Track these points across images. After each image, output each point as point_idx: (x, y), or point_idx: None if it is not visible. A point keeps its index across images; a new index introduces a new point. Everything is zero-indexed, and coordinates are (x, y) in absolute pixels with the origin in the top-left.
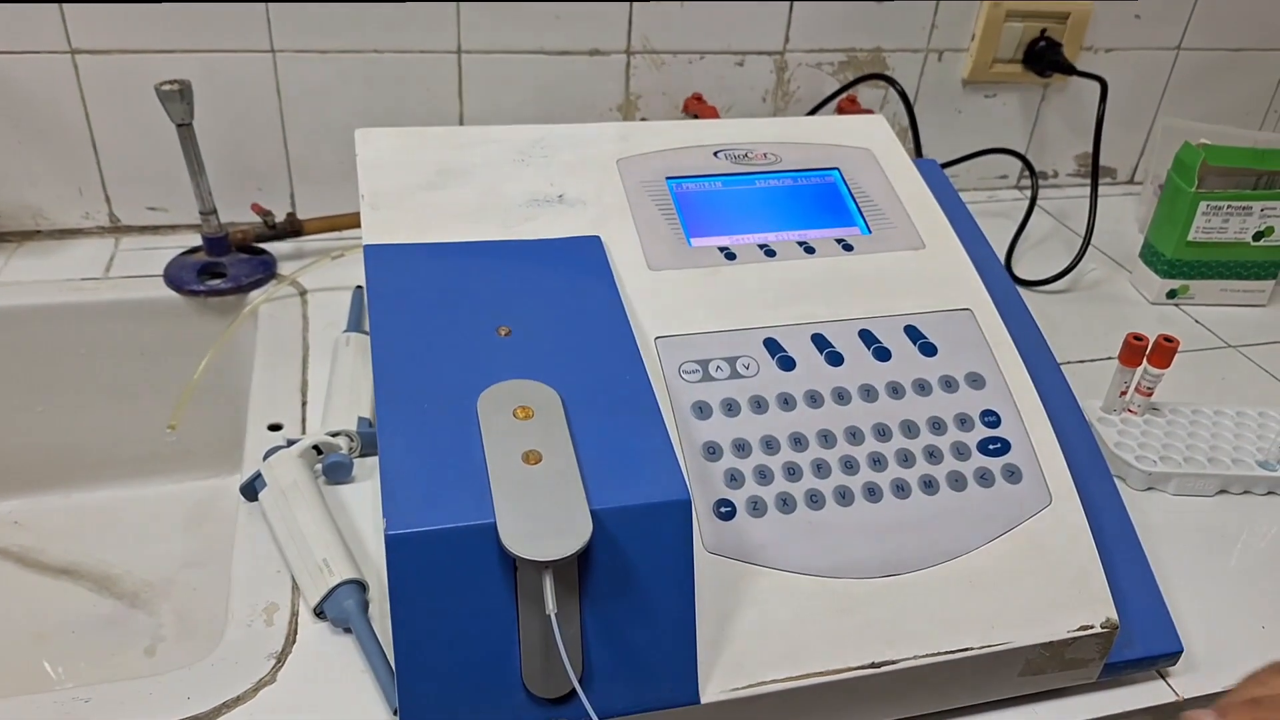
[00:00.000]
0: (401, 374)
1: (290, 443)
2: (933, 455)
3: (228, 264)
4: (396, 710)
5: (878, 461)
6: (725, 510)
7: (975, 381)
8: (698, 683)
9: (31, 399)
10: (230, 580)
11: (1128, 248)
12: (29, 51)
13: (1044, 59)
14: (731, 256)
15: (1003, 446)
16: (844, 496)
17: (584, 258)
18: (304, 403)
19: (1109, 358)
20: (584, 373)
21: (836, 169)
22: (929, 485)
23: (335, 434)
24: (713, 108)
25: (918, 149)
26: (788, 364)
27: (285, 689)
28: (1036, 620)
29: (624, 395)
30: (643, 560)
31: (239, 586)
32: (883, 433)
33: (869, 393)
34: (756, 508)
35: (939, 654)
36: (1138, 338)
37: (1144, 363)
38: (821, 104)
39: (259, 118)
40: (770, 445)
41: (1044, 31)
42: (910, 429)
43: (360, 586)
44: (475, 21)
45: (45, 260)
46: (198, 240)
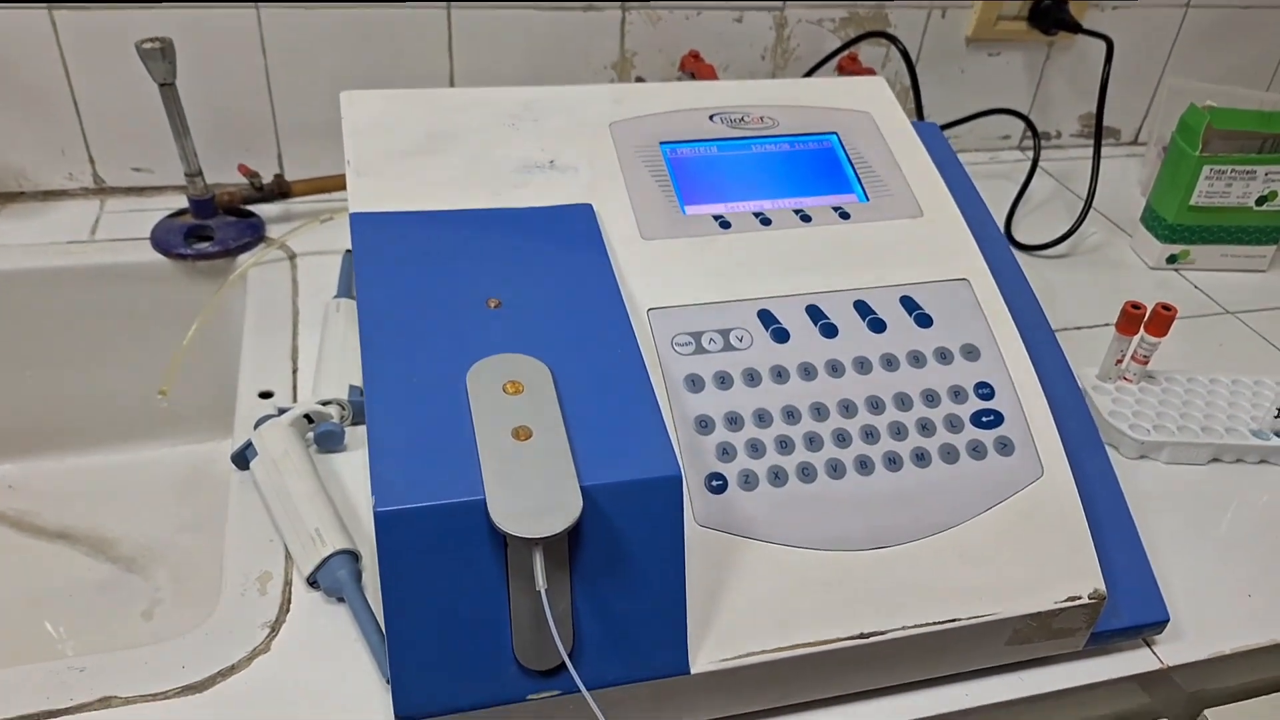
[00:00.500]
0: (389, 348)
1: (281, 411)
2: (925, 428)
3: (215, 227)
4: (390, 679)
5: (870, 434)
6: (717, 484)
7: (970, 353)
8: (688, 654)
9: (21, 363)
10: (224, 548)
11: (1129, 211)
12: (3, 4)
13: (1049, 16)
14: (726, 225)
15: (996, 419)
16: (835, 469)
17: (575, 227)
18: (294, 370)
19: (1107, 324)
20: (575, 346)
21: (835, 133)
22: (921, 458)
23: (326, 402)
24: (710, 66)
25: (919, 109)
26: (781, 336)
27: (279, 658)
28: (1024, 591)
29: (615, 369)
30: (633, 535)
31: (232, 555)
32: (876, 405)
33: (863, 365)
34: (748, 481)
35: (926, 625)
36: (1135, 306)
37: (1141, 331)
38: (821, 62)
39: (244, 76)
40: (763, 418)
41: None
42: (903, 401)
43: (353, 556)
44: None
45: (30, 222)
46: (184, 201)
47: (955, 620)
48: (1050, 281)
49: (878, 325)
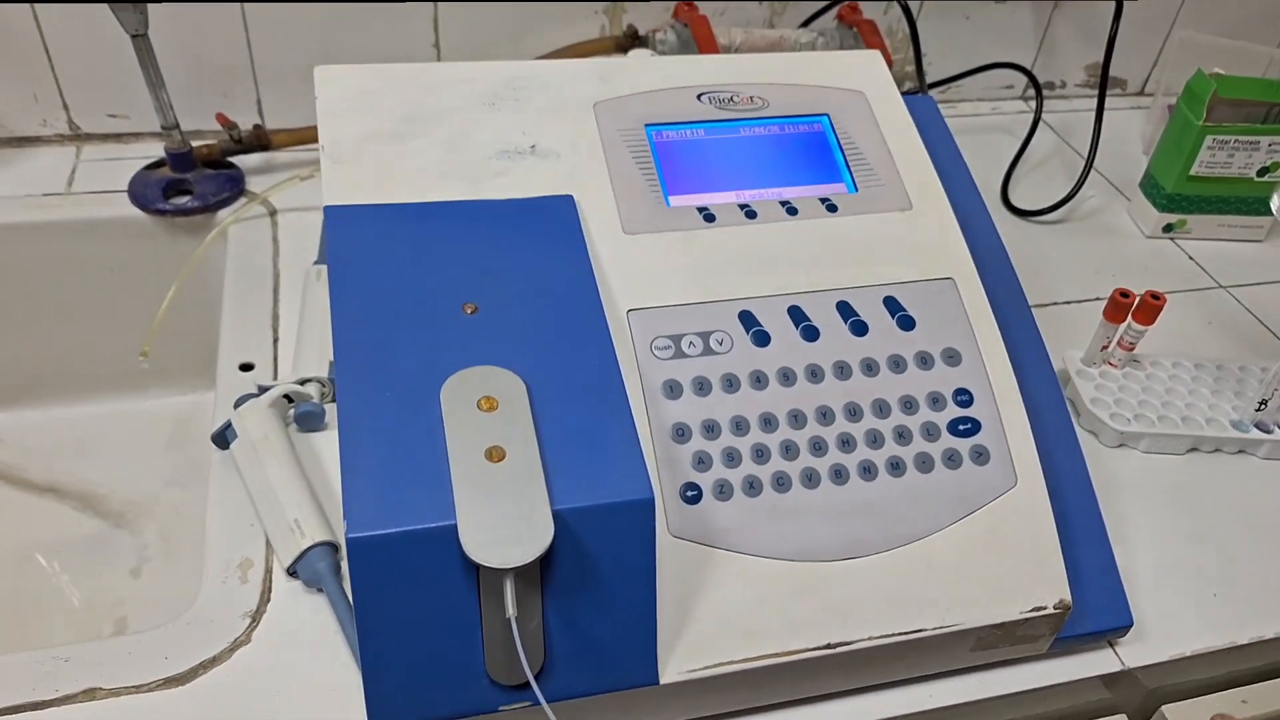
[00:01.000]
0: (363, 359)
1: (261, 390)
2: (902, 436)
3: (194, 180)
4: (364, 693)
5: (846, 443)
6: (691, 494)
7: (951, 358)
8: (657, 665)
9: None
10: (205, 533)
11: (1129, 171)
12: None
13: None
14: (710, 219)
15: (973, 427)
16: (810, 479)
17: (556, 221)
18: (275, 340)
19: (1098, 299)
20: (551, 356)
21: (826, 115)
22: (896, 467)
23: (306, 381)
24: (703, 17)
25: (918, 62)
26: (762, 339)
27: (260, 650)
28: (991, 601)
29: (591, 382)
30: (605, 556)
31: (213, 541)
32: (854, 412)
33: (843, 370)
34: (723, 491)
35: (892, 635)
36: (1124, 294)
37: (1129, 319)
38: (820, 11)
39: (221, 18)
40: (740, 426)
41: None
42: (881, 408)
43: (332, 548)
44: None
45: (6, 171)
46: (162, 149)
47: (921, 631)
48: (1044, 249)
49: (860, 328)
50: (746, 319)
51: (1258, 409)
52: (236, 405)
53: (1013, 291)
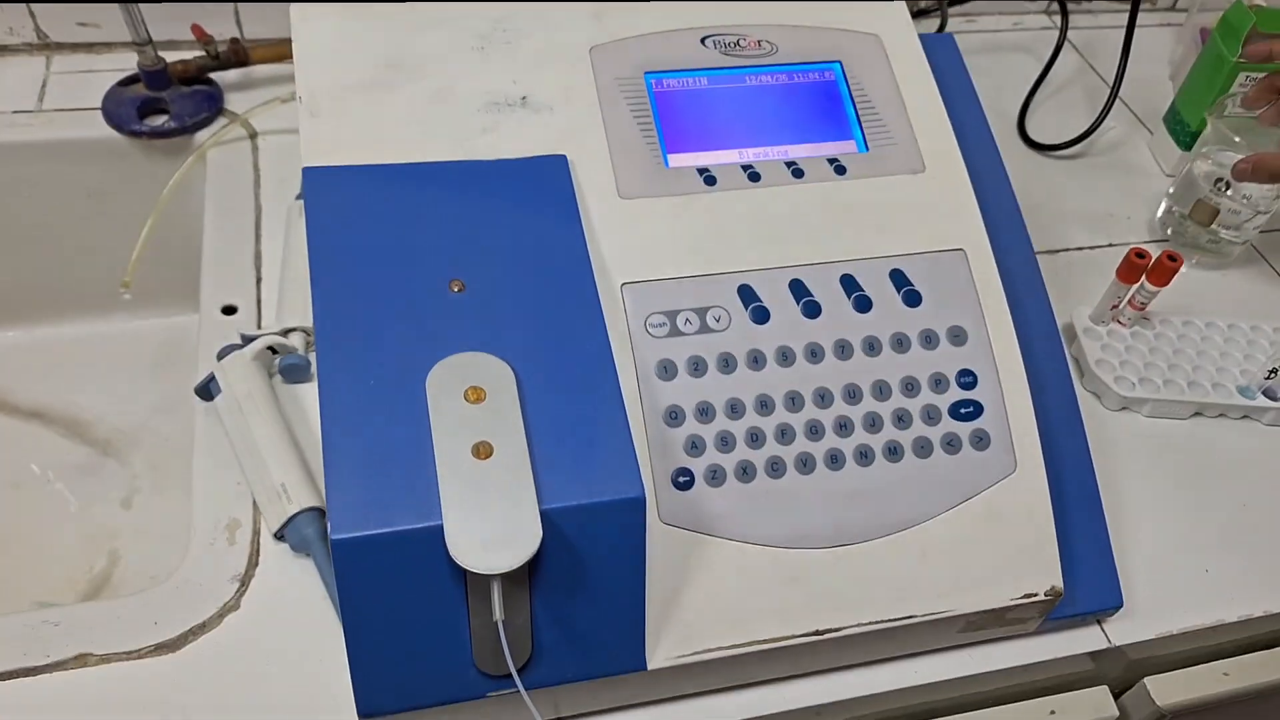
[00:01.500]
0: (345, 342)
1: (245, 340)
2: (901, 420)
3: (169, 99)
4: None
5: (844, 426)
6: (684, 480)
7: (957, 337)
8: (645, 653)
9: None
10: (192, 491)
11: (1153, 98)
12: None
13: None
14: (711, 181)
15: (975, 410)
16: (805, 464)
17: (547, 184)
18: (259, 280)
19: (1109, 245)
20: (541, 339)
21: (838, 62)
22: (893, 452)
23: (290, 331)
24: None
25: None
26: (761, 315)
27: (249, 615)
28: (982, 587)
29: (582, 369)
30: (595, 553)
31: (200, 500)
32: (853, 394)
33: (844, 349)
34: (715, 476)
35: (882, 621)
36: (1140, 254)
37: (1143, 279)
38: None
39: None
40: (735, 409)
41: None
42: (882, 390)
43: (320, 513)
44: None
45: None
46: (135, 60)
47: (911, 617)
48: (1058, 187)
49: (863, 304)
50: (746, 294)
51: (1267, 377)
52: (220, 357)
53: (1025, 259)
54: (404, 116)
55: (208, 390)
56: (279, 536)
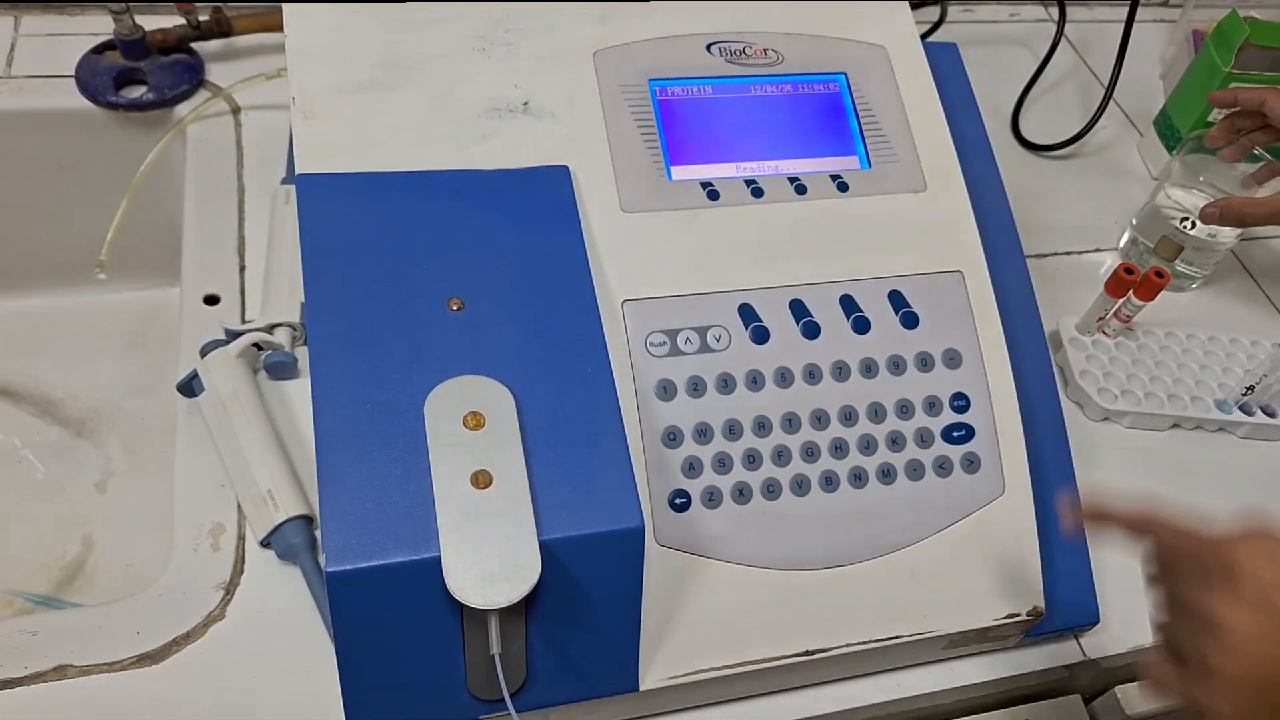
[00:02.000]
0: (342, 363)
1: (229, 335)
2: (895, 442)
3: (147, 70)
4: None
5: (839, 448)
6: (680, 501)
7: (952, 360)
8: (638, 674)
9: None
10: (174, 494)
11: (1143, 97)
12: None
13: None
14: (715, 196)
15: (966, 434)
16: (800, 486)
17: (549, 197)
18: (242, 268)
19: (1097, 250)
20: (542, 361)
21: (844, 74)
22: (886, 474)
23: (275, 326)
24: None
25: None
26: (762, 335)
27: (234, 626)
28: (967, 607)
29: (582, 393)
30: (592, 581)
31: (182, 502)
32: (849, 416)
33: (841, 371)
34: (712, 498)
35: (869, 642)
36: (1129, 270)
37: (1129, 294)
38: None
39: None
40: (733, 430)
41: None
42: (877, 412)
43: (307, 521)
44: None
45: None
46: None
47: (898, 637)
48: (1049, 188)
49: (862, 325)
50: (746, 313)
51: (1244, 393)
52: (203, 353)
53: (1019, 278)
54: (402, 120)
55: (190, 388)
56: (265, 544)
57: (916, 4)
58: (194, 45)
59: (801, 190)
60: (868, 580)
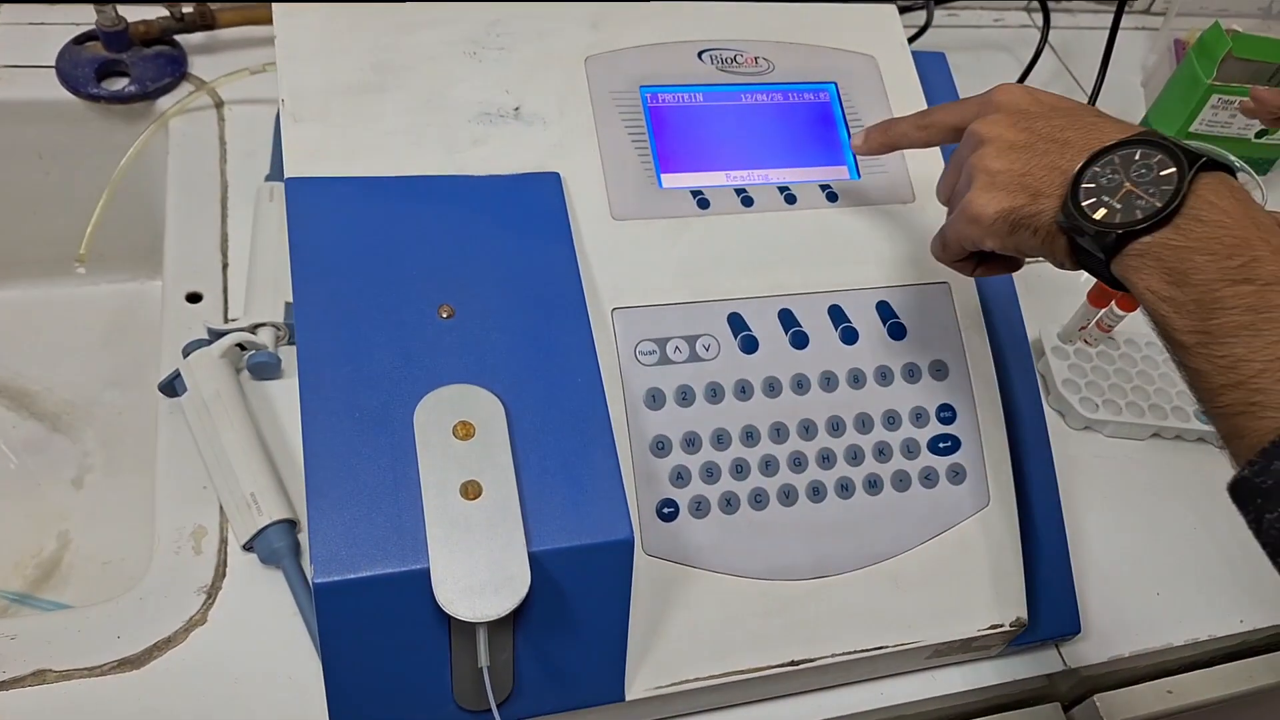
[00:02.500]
0: (331, 374)
1: (213, 335)
2: (881, 453)
3: (129, 61)
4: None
5: (826, 459)
6: (668, 511)
7: (938, 371)
8: (624, 685)
9: None
10: (155, 495)
11: (1124, 104)
12: None
13: None
14: (705, 204)
15: (953, 445)
16: (788, 496)
17: (539, 204)
18: (225, 265)
19: None
20: (532, 369)
21: (833, 83)
22: (873, 485)
23: (259, 326)
24: None
25: None
26: (750, 345)
27: (216, 631)
28: (952, 618)
29: (572, 403)
30: (580, 592)
31: (163, 504)
32: (836, 427)
33: (829, 381)
34: (700, 508)
35: (855, 652)
36: None
37: (1112, 303)
38: None
39: None
40: (721, 440)
41: None
42: (864, 423)
43: (291, 525)
44: None
45: None
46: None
47: (883, 648)
48: None
49: (850, 335)
50: (735, 322)
51: None
52: (185, 353)
53: (1005, 289)
54: (393, 124)
55: (172, 388)
56: (248, 547)
57: (903, 9)
58: (177, 37)
59: (791, 200)
60: (854, 590)
